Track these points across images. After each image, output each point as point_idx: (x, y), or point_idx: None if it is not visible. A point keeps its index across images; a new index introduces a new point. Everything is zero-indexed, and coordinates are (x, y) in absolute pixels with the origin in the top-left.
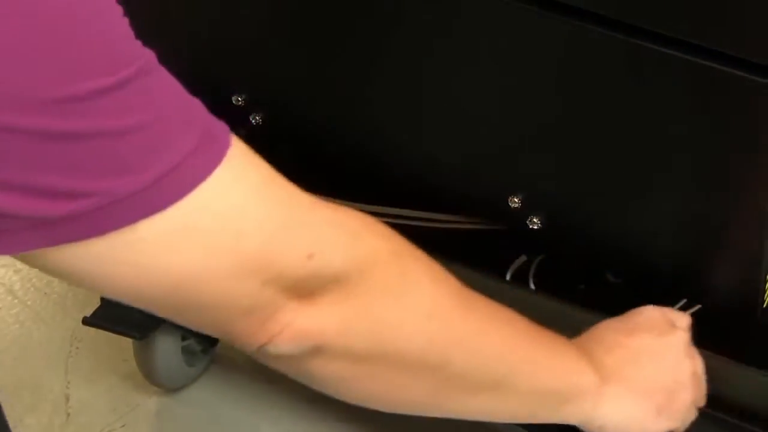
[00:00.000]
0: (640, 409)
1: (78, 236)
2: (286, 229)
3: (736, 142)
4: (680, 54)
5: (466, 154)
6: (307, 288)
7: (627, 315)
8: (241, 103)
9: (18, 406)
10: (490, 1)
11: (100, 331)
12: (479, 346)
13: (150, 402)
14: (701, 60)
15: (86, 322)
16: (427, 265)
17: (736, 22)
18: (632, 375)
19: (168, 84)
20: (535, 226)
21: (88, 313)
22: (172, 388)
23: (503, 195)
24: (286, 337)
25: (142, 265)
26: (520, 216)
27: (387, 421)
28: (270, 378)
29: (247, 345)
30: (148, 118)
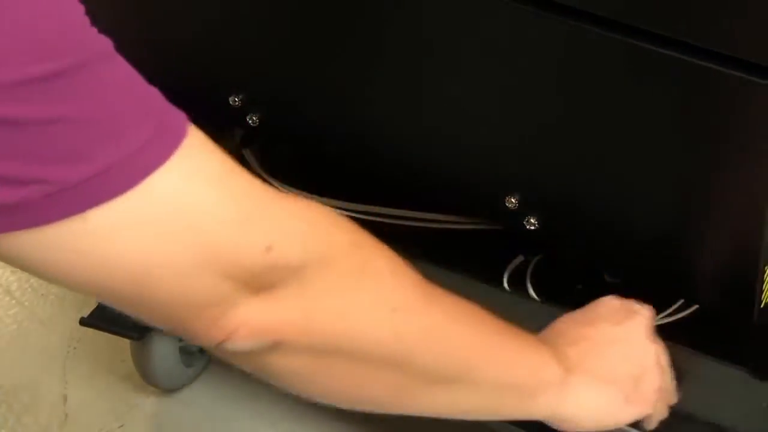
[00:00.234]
0: (608, 397)
1: (28, 223)
2: (244, 221)
3: (735, 143)
4: (678, 54)
5: (463, 154)
6: (265, 281)
7: (587, 307)
8: (238, 103)
9: (16, 407)
10: (488, 1)
11: (98, 332)
12: (443, 341)
13: (148, 402)
14: (700, 60)
15: (84, 322)
16: (389, 258)
17: (736, 23)
18: (596, 365)
19: (123, 73)
20: (532, 227)
21: (86, 314)
22: (170, 388)
23: (500, 195)
24: (244, 333)
25: (93, 255)
26: (517, 216)
27: (386, 422)
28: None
29: (204, 341)
30: (99, 106)
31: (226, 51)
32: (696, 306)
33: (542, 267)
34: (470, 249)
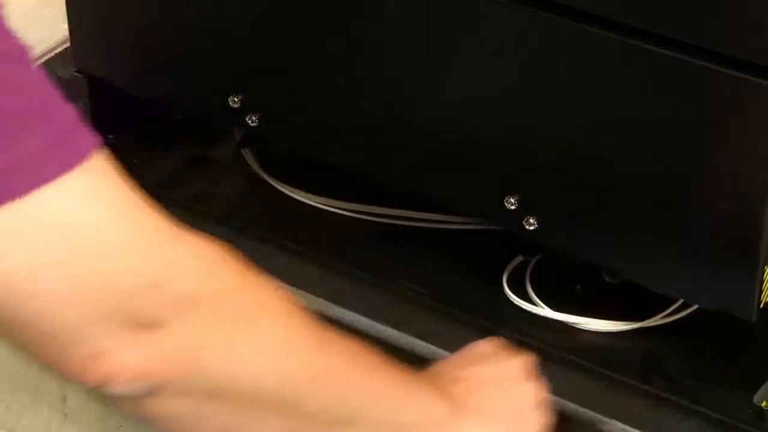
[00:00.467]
0: None
1: None
2: (134, 254)
3: (735, 143)
4: (679, 55)
5: (462, 154)
6: (150, 319)
7: (462, 350)
8: (237, 104)
9: (15, 407)
10: (488, 2)
11: None
12: (334, 383)
13: None
14: (700, 61)
15: None
16: (283, 299)
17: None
18: (480, 403)
19: (24, 80)
20: (531, 227)
21: None
22: None
23: (499, 195)
24: (123, 376)
25: None
26: (516, 216)
27: None
28: None
29: (79, 381)
30: None
31: (225, 51)
32: (696, 306)
33: (541, 267)
34: (469, 249)
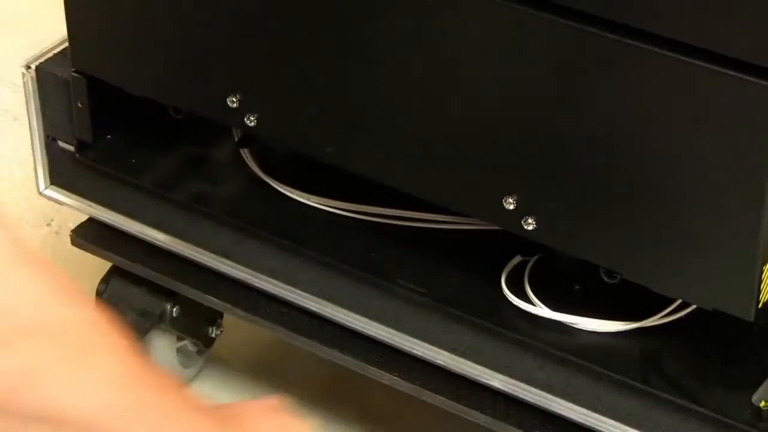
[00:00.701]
0: None
1: None
2: None
3: (734, 143)
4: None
5: (461, 154)
6: None
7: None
8: (235, 104)
9: None
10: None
11: None
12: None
13: None
14: (699, 61)
15: None
16: (119, 336)
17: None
18: None
19: None
20: (530, 227)
21: None
22: None
23: (498, 195)
24: None
25: None
26: (515, 217)
27: (386, 423)
28: (265, 379)
29: None
30: None
31: (223, 52)
32: (694, 306)
33: (540, 267)
34: (468, 249)
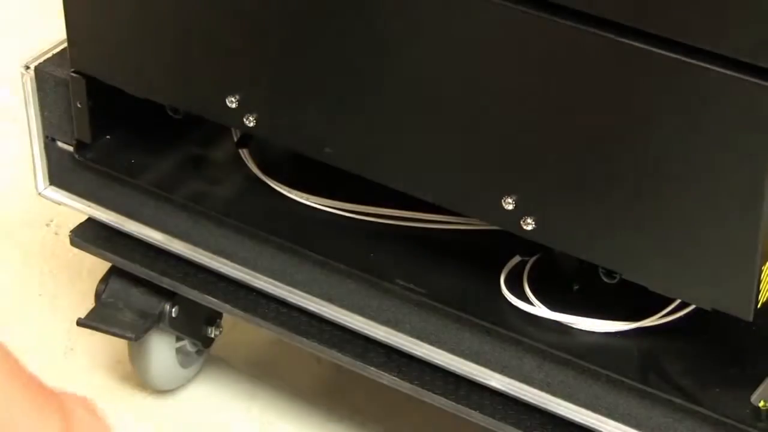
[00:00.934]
0: None
1: None
2: None
3: (733, 143)
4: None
5: (460, 154)
6: None
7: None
8: (234, 104)
9: None
10: (484, 3)
11: (95, 333)
12: None
13: (145, 403)
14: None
15: (81, 323)
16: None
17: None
18: None
19: None
20: (529, 227)
21: (83, 315)
22: (167, 389)
23: (497, 196)
24: None
25: None
26: (514, 217)
27: (386, 424)
28: (264, 380)
29: None
30: None
31: (222, 52)
32: (693, 306)
33: (539, 267)
34: (467, 249)
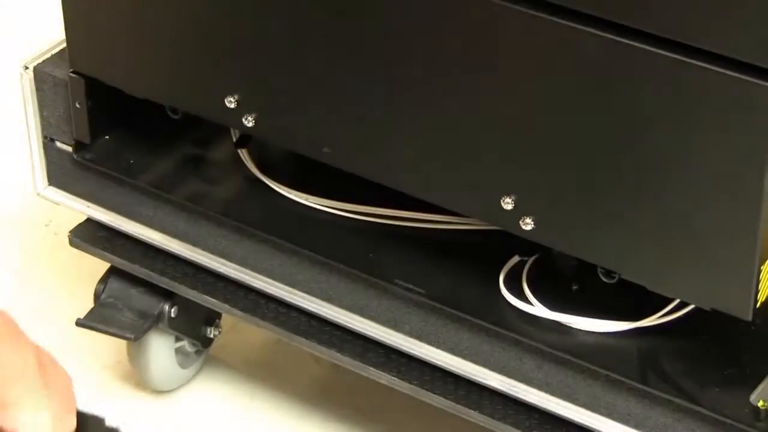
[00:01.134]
0: None
1: None
2: None
3: (733, 143)
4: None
5: (459, 154)
6: None
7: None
8: (233, 104)
9: None
10: (483, 3)
11: (94, 333)
12: None
13: (143, 403)
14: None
15: (80, 323)
16: None
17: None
18: None
19: None
20: (528, 227)
21: (82, 315)
22: (166, 389)
23: (497, 195)
24: None
25: None
26: (513, 216)
27: (386, 423)
28: (263, 380)
29: None
30: None
31: (222, 52)
32: (692, 306)
33: (538, 267)
34: (466, 249)
